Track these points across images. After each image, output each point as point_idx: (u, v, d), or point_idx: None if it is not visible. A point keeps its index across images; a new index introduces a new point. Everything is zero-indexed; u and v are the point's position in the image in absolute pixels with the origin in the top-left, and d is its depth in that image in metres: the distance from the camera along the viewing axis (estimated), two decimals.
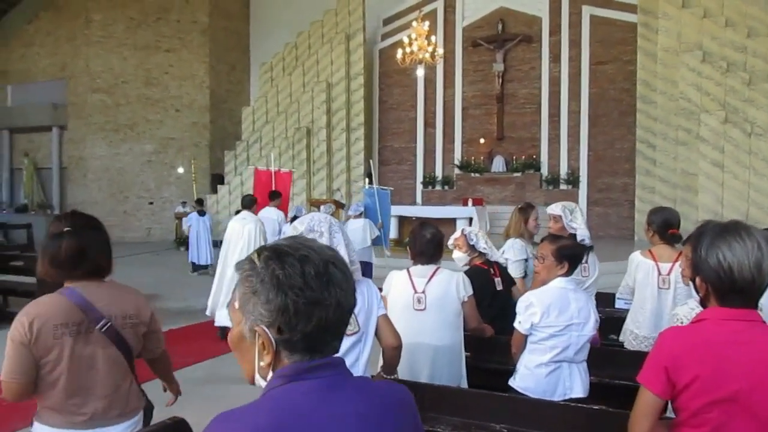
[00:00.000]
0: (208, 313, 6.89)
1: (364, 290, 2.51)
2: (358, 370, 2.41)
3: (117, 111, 18.15)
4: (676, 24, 13.82)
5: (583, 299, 2.94)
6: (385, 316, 2.58)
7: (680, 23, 13.78)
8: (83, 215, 2.20)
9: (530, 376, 2.93)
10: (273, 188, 10.18)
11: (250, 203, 7.94)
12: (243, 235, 7.20)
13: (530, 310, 2.90)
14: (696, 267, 1.60)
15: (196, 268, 11.89)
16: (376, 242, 9.31)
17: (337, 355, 1.06)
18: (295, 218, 8.23)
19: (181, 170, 17.53)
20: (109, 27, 18.06)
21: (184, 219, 12.90)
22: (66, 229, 2.06)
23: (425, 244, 3.20)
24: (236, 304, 1.05)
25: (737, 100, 13.02)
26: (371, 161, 12.27)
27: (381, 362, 2.71)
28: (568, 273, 2.97)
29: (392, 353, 2.60)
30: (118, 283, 2.24)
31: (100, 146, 18.16)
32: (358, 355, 2.44)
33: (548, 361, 2.87)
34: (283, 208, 9.65)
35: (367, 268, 8.52)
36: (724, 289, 1.54)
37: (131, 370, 2.18)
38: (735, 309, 1.54)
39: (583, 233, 3.96)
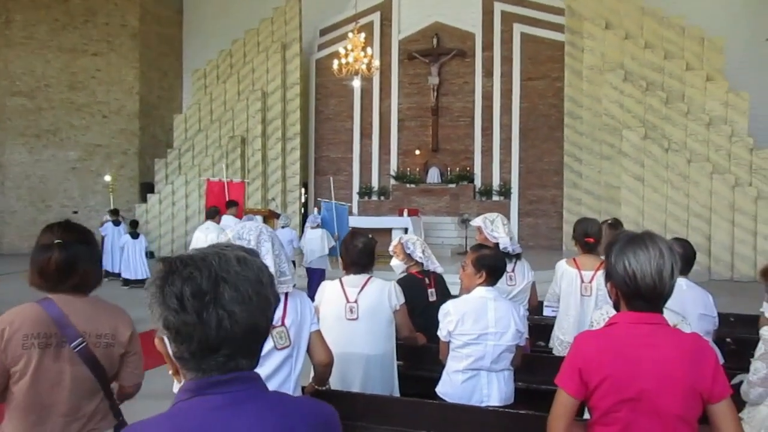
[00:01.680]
0: None
1: (297, 303, 2.46)
2: (289, 385, 2.36)
3: (39, 115, 17.27)
4: (600, 44, 14.53)
5: (503, 309, 2.95)
6: (318, 333, 2.54)
7: (604, 44, 14.50)
8: (75, 227, 2.15)
9: (449, 382, 2.99)
10: (227, 198, 10.59)
11: (213, 214, 8.78)
12: (206, 244, 7.44)
13: (447, 318, 2.97)
14: (607, 273, 1.70)
15: (128, 282, 11.61)
16: (332, 252, 9.57)
17: (254, 369, 1.04)
18: None
19: (108, 178, 16.84)
20: (31, 28, 17.20)
21: (99, 228, 12.66)
22: (56, 241, 2.03)
23: (357, 253, 3.21)
24: None
25: (656, 118, 13.79)
26: (331, 178, 12.38)
27: (312, 374, 2.70)
28: (488, 282, 3.02)
29: (322, 369, 2.59)
30: (103, 301, 2.16)
31: (19, 152, 17.20)
32: (290, 369, 2.39)
33: (464, 369, 2.93)
34: (239, 216, 9.89)
35: (323, 276, 8.97)
36: (630, 294, 1.64)
37: (104, 391, 2.09)
38: (642, 313, 1.63)
39: (504, 242, 4.02)
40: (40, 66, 17.27)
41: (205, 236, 8.01)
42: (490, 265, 3.03)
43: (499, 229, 4.00)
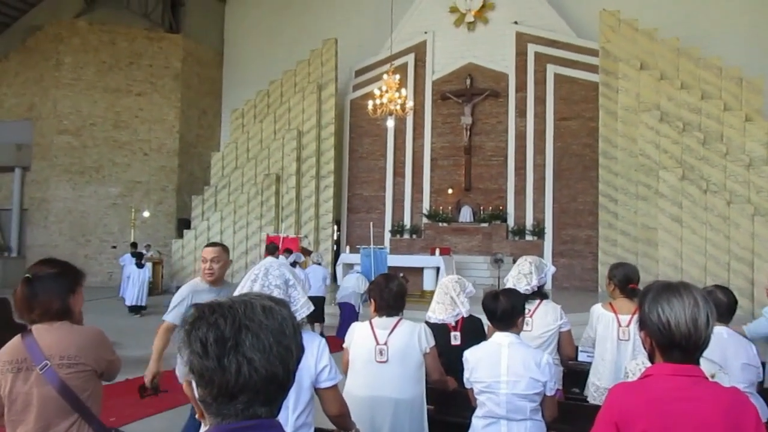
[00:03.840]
0: None
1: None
2: None
3: (83, 153, 17.94)
4: (635, 85, 14.46)
5: (518, 356, 2.82)
6: (330, 389, 2.40)
7: (639, 84, 14.43)
8: (50, 263, 2.32)
9: (472, 427, 2.94)
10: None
11: (273, 250, 9.44)
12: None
13: (466, 365, 2.94)
14: (641, 322, 1.67)
15: (132, 309, 12.31)
16: (363, 299, 9.90)
17: (275, 418, 1.06)
18: (294, 263, 9.71)
19: (146, 214, 17.32)
20: (79, 70, 18.03)
21: (120, 258, 13.40)
22: (26, 275, 2.24)
23: (392, 297, 3.17)
24: None
25: (693, 159, 13.57)
26: (371, 224, 12.78)
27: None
28: (503, 329, 2.94)
29: (335, 420, 2.53)
30: (77, 326, 2.30)
31: (63, 188, 17.84)
32: (285, 417, 2.28)
33: (482, 415, 2.88)
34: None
35: (351, 312, 9.32)
36: (665, 344, 1.60)
37: (79, 411, 2.19)
38: (678, 365, 1.59)
39: (524, 286, 3.97)
40: (86, 105, 18.01)
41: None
42: (483, 304, 2.99)
43: (523, 271, 3.93)
